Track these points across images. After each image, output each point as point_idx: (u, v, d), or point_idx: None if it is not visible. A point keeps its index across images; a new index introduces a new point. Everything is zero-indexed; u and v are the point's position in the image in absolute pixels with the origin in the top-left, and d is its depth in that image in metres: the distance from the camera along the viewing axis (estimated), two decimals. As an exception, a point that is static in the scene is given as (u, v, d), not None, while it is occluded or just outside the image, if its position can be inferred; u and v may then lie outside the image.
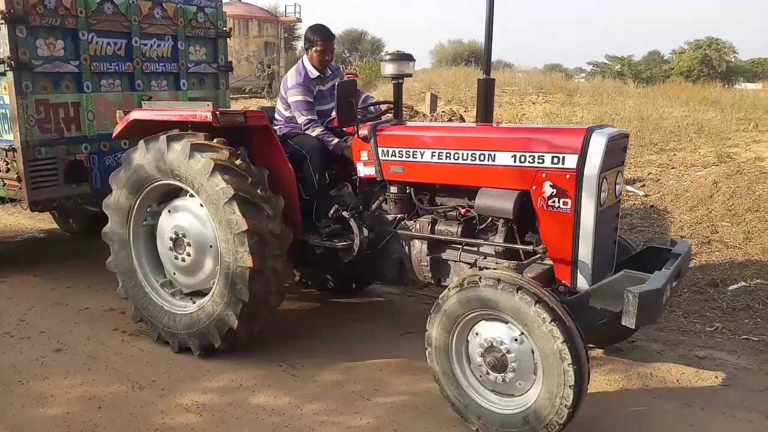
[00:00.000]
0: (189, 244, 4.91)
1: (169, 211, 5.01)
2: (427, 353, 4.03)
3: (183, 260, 4.99)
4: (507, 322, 3.75)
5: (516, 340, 3.72)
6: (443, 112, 17.13)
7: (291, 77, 5.39)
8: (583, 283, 4.13)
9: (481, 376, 3.91)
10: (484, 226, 4.54)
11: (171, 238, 4.98)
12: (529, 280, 3.73)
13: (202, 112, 4.67)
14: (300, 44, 43.07)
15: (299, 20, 47.88)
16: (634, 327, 3.70)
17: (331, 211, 4.93)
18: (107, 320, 5.69)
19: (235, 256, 4.53)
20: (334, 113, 5.62)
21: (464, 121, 14.97)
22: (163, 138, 4.74)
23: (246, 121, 4.81)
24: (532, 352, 3.67)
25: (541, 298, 3.56)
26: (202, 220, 4.82)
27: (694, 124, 15.41)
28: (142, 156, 4.89)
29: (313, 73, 5.39)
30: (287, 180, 4.96)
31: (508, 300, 3.63)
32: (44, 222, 9.27)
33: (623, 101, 19.28)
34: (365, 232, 4.88)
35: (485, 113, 4.94)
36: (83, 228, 8.26)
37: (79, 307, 6.00)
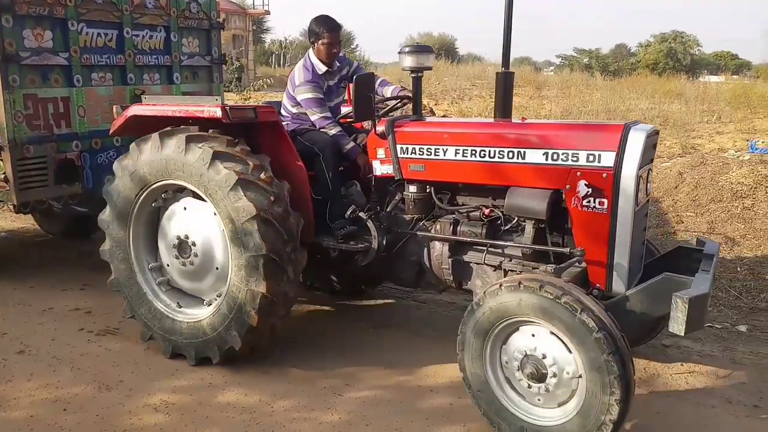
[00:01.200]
0: (196, 254, 4.59)
1: (185, 208, 4.68)
2: (458, 358, 3.79)
3: (185, 264, 4.64)
4: (549, 331, 3.52)
5: (558, 349, 3.50)
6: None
7: (298, 73, 5.03)
8: (618, 286, 3.89)
9: (517, 386, 3.68)
10: (509, 226, 4.28)
11: (174, 245, 4.66)
12: (572, 286, 3.49)
13: (211, 107, 4.32)
14: (269, 37, 42.26)
15: (267, 12, 46.91)
16: (683, 334, 3.45)
17: (348, 212, 4.60)
18: (72, 320, 5.45)
19: (247, 279, 4.24)
20: (342, 109, 5.31)
21: (434, 114, 14.73)
22: (181, 137, 4.38)
23: (256, 116, 4.45)
24: (575, 362, 3.44)
25: (587, 306, 3.33)
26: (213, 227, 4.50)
27: (660, 116, 15.51)
28: (154, 151, 4.53)
29: (321, 68, 5.04)
30: (299, 180, 4.63)
31: (551, 307, 3.40)
32: (6, 221, 8.90)
33: (591, 94, 19.36)
34: (383, 233, 4.56)
35: (504, 108, 4.62)
36: (66, 229, 7.79)
37: (43, 307, 5.73)
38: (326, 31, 5.00)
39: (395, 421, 3.94)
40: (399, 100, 5.07)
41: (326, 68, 5.05)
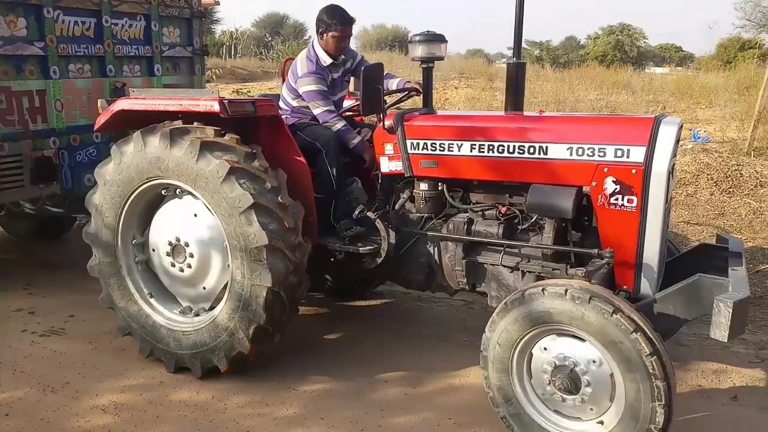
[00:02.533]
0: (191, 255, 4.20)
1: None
2: (481, 365, 3.52)
3: (182, 270, 4.26)
4: (579, 338, 3.29)
5: (593, 359, 3.25)
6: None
7: (301, 64, 4.64)
8: (647, 288, 3.64)
9: (545, 396, 3.43)
10: (527, 226, 3.99)
11: (168, 249, 4.28)
12: (602, 289, 3.27)
13: (207, 101, 3.93)
14: (219, 28, 41.22)
15: (217, 3, 45.83)
16: (726, 340, 3.20)
17: (356, 212, 4.24)
18: (15, 321, 5.15)
19: (250, 274, 3.89)
20: (345, 103, 4.95)
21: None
22: (165, 132, 3.99)
23: (256, 111, 4.07)
24: (612, 372, 3.20)
25: (640, 326, 3.08)
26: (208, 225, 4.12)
27: (608, 107, 15.60)
28: (137, 152, 4.13)
29: (326, 60, 4.66)
30: (302, 177, 4.27)
31: (599, 322, 3.14)
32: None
33: (541, 85, 19.28)
34: (392, 234, 4.21)
35: (515, 101, 4.32)
36: (34, 231, 7.16)
37: (-17, 308, 5.34)
38: (339, 23, 4.61)
39: (350, 413, 3.86)
40: (405, 93, 4.71)
41: (331, 60, 4.67)
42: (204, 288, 4.25)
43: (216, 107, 3.89)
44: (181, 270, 4.25)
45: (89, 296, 5.03)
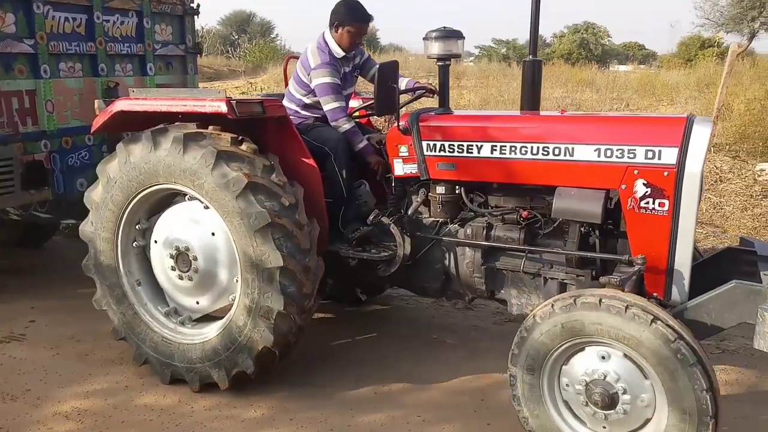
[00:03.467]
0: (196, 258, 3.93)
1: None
2: (510, 382, 3.30)
3: (181, 278, 4.00)
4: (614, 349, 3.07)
5: (632, 371, 3.04)
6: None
7: (313, 56, 4.35)
8: (677, 295, 3.44)
9: (581, 411, 3.21)
10: (550, 230, 3.76)
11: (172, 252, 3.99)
12: (661, 310, 3.03)
13: (214, 101, 3.65)
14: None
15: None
16: None
17: (371, 217, 3.99)
18: None
19: (260, 295, 3.65)
20: (352, 102, 4.69)
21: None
22: (178, 136, 3.72)
23: (264, 111, 3.80)
24: (652, 386, 2.99)
25: (681, 335, 2.89)
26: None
27: (573, 104, 15.51)
28: (145, 152, 3.84)
29: (339, 52, 4.39)
30: (312, 182, 4.02)
31: (637, 333, 2.93)
32: None
33: (508, 83, 19.12)
34: (408, 240, 3.97)
35: (532, 99, 4.10)
36: (17, 238, 6.62)
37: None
38: (357, 20, 4.36)
39: (319, 413, 3.78)
40: (417, 94, 4.45)
41: (343, 54, 4.40)
42: (197, 303, 4.03)
43: (223, 108, 3.62)
44: (180, 278, 3.98)
45: (52, 301, 4.88)
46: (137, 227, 4.13)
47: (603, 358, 3.08)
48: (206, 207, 3.81)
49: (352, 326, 5.01)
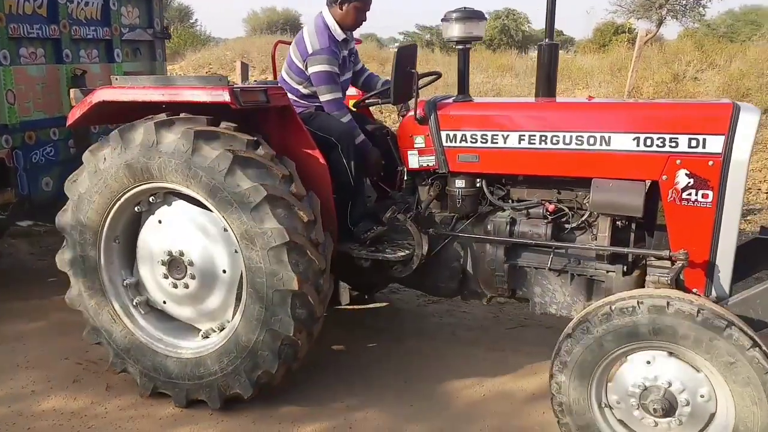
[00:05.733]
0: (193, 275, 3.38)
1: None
2: (553, 390, 2.89)
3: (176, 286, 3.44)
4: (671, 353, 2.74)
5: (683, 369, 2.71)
6: (255, 81, 15.39)
7: (311, 39, 3.78)
8: (719, 290, 3.10)
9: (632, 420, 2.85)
10: (578, 224, 3.38)
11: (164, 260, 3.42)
12: (732, 315, 2.70)
13: (215, 90, 3.06)
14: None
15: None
16: None
17: (387, 214, 3.48)
18: None
19: (269, 318, 3.15)
20: (352, 90, 4.13)
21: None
22: (188, 132, 3.12)
23: (268, 100, 3.23)
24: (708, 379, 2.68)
25: (756, 342, 2.56)
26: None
27: (494, 89, 15.34)
28: (146, 145, 3.22)
29: (340, 34, 3.83)
30: (319, 177, 3.50)
31: (711, 340, 2.59)
32: None
33: (430, 69, 18.70)
34: (426, 238, 3.48)
35: (548, 85, 3.64)
36: None
37: None
38: None
39: (240, 405, 3.42)
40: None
41: (344, 35, 3.84)
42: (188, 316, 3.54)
43: (226, 97, 3.08)
44: (175, 286, 3.44)
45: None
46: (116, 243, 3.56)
47: (648, 362, 2.74)
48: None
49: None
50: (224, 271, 3.33)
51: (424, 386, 3.72)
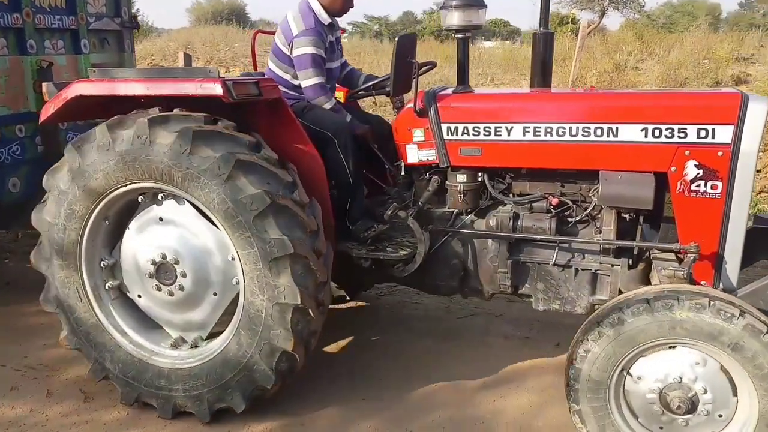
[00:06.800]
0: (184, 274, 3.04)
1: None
2: (570, 388, 2.69)
3: (171, 293, 3.06)
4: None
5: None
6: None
7: (295, 21, 3.45)
8: (727, 282, 2.96)
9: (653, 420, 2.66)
10: (581, 217, 3.18)
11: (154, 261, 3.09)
12: (719, 292, 2.63)
13: (205, 83, 2.72)
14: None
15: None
16: None
17: (389, 211, 3.20)
18: None
19: (266, 331, 2.87)
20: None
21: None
22: (185, 130, 2.77)
23: (261, 93, 2.92)
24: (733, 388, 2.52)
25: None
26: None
27: (441, 80, 14.77)
28: (137, 143, 2.85)
29: (325, 18, 3.51)
30: (314, 174, 3.20)
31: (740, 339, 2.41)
32: None
33: (379, 60, 18.33)
34: (427, 235, 3.23)
35: (543, 75, 3.42)
36: None
37: None
38: None
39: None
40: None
41: (330, 20, 3.51)
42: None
43: (218, 90, 2.74)
44: (159, 289, 3.12)
45: None
46: (105, 222, 3.17)
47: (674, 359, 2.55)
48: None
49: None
50: (215, 294, 3.05)
51: (376, 379, 3.53)
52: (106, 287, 3.21)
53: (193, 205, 2.95)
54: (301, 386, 3.37)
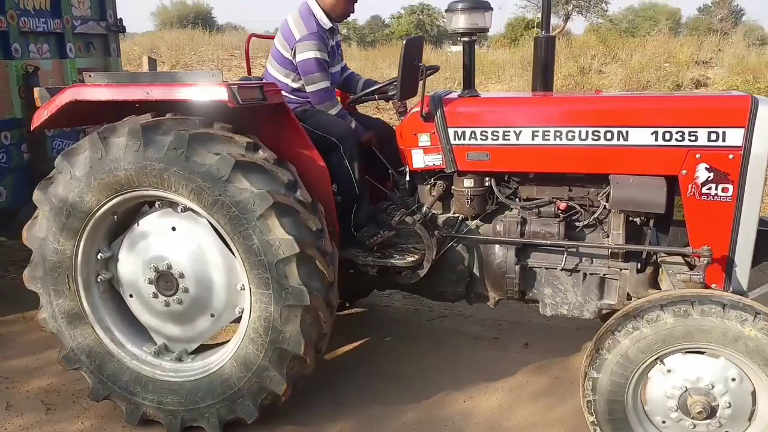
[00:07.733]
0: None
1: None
2: (587, 395, 2.53)
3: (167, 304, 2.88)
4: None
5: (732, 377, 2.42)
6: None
7: (297, 25, 3.26)
8: (737, 286, 2.86)
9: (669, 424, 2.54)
10: (589, 222, 3.05)
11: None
12: (741, 297, 2.47)
13: (210, 87, 2.50)
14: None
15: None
16: None
17: (396, 218, 3.03)
18: None
19: (276, 335, 2.67)
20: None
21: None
22: (181, 135, 2.58)
23: (265, 98, 2.72)
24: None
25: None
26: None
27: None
28: (131, 150, 2.62)
29: (326, 22, 3.31)
30: (318, 180, 3.01)
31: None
32: None
33: (348, 64, 18.17)
34: (435, 241, 3.06)
35: (544, 79, 3.28)
36: None
37: None
38: None
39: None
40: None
41: (331, 24, 3.33)
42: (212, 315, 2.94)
43: (223, 95, 2.51)
44: (161, 300, 2.90)
45: None
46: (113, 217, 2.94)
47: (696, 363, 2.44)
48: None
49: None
50: (212, 315, 2.87)
51: (346, 383, 3.38)
52: (98, 279, 2.97)
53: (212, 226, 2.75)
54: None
